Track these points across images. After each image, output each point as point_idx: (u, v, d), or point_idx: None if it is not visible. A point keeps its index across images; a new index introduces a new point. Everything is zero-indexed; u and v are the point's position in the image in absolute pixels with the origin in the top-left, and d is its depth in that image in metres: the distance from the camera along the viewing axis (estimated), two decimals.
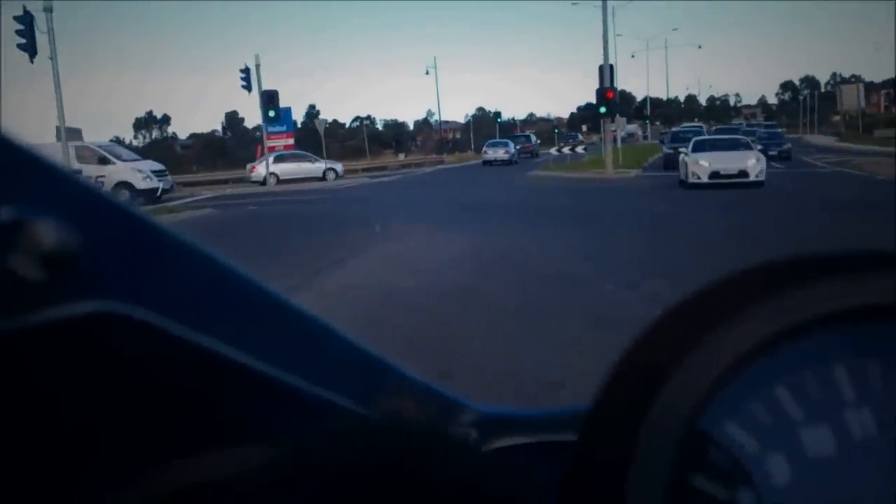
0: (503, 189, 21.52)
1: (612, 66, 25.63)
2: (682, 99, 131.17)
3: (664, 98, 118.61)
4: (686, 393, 0.34)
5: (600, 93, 25.17)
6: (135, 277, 0.34)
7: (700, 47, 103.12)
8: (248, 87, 29.46)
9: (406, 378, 0.47)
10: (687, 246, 9.19)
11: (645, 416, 0.34)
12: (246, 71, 29.38)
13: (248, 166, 33.62)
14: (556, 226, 11.97)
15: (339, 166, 35.48)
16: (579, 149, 37.86)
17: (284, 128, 41.50)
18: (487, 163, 39.90)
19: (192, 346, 0.36)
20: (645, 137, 70.94)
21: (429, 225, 12.49)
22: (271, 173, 31.36)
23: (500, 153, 40.70)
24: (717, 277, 0.38)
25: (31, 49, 19.71)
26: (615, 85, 25.87)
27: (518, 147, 44.39)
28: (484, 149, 43.18)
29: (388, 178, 32.52)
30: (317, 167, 33.77)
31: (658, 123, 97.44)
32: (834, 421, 0.36)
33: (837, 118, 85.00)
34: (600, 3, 27.44)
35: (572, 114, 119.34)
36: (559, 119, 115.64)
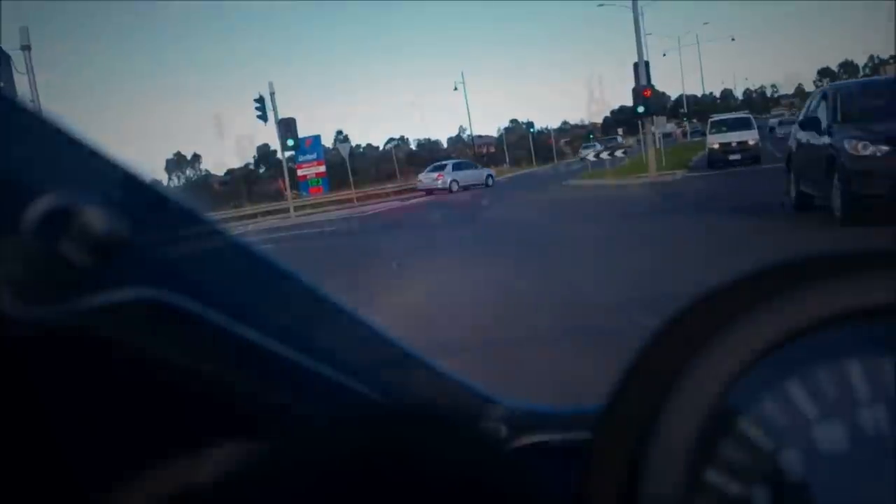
0: (535, 205, 19.43)
1: (647, 63, 24.05)
2: (717, 94, 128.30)
3: (699, 94, 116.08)
4: (700, 391, 0.35)
5: (637, 92, 23.60)
6: (179, 267, 0.36)
7: (733, 40, 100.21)
8: (264, 118, 28.47)
9: (435, 371, 0.49)
10: None
11: (659, 414, 0.35)
12: (260, 100, 28.40)
13: (433, 175, 37.81)
14: (615, 268, 7.65)
15: (493, 173, 42.14)
16: (618, 153, 36.60)
17: (315, 156, 40.80)
18: (583, 159, 57.98)
19: (228, 333, 0.37)
20: (684, 135, 68.84)
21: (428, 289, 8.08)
22: (453, 181, 35.71)
23: (591, 154, 59.63)
24: (730, 277, 0.38)
25: (10, 92, 18.77)
26: (651, 83, 24.25)
27: (603, 147, 58.48)
28: (580, 150, 58.36)
29: (416, 200, 31.30)
30: (481, 173, 39.31)
31: (695, 121, 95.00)
32: (847, 417, 0.36)
33: None
34: (629, 2, 25.97)
35: (606, 118, 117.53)
36: (594, 124, 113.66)
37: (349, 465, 0.32)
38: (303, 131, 29.40)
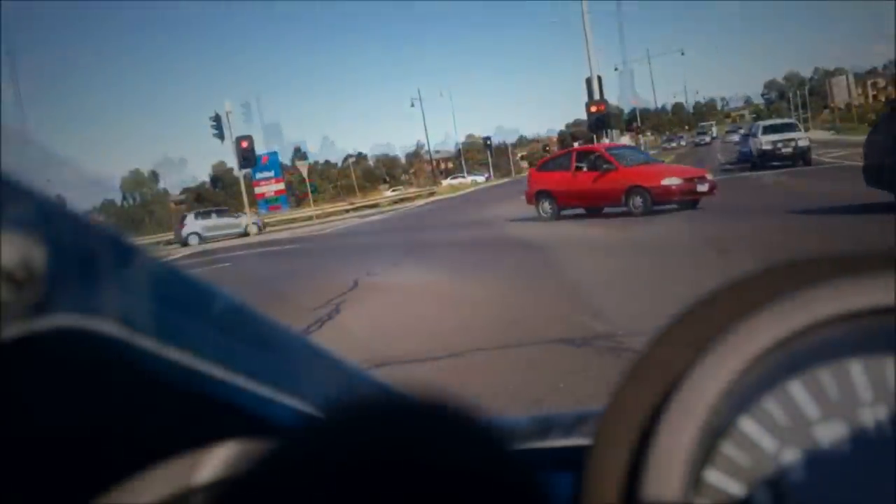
0: (492, 229, 16.19)
1: (599, 77, 24.50)
2: (669, 107, 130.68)
3: (651, 108, 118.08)
4: (701, 391, 0.35)
5: (589, 106, 24.01)
6: (100, 292, 0.35)
7: (683, 53, 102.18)
8: (221, 136, 28.16)
9: (416, 384, 0.48)
10: None
11: (660, 414, 0.35)
12: (217, 119, 28.09)
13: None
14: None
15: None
16: None
17: (273, 173, 40.55)
18: None
19: (158, 358, 0.37)
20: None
21: None
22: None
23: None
24: (732, 278, 0.38)
25: None
26: (604, 97, 24.70)
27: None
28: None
29: (378, 216, 31.15)
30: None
31: (649, 134, 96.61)
32: (849, 418, 0.36)
33: (827, 112, 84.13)
34: (579, 19, 26.43)
35: (561, 131, 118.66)
36: (549, 138, 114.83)
37: (321, 485, 0.31)
38: (259, 149, 29.22)
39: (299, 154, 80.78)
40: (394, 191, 62.87)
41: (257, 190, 40.31)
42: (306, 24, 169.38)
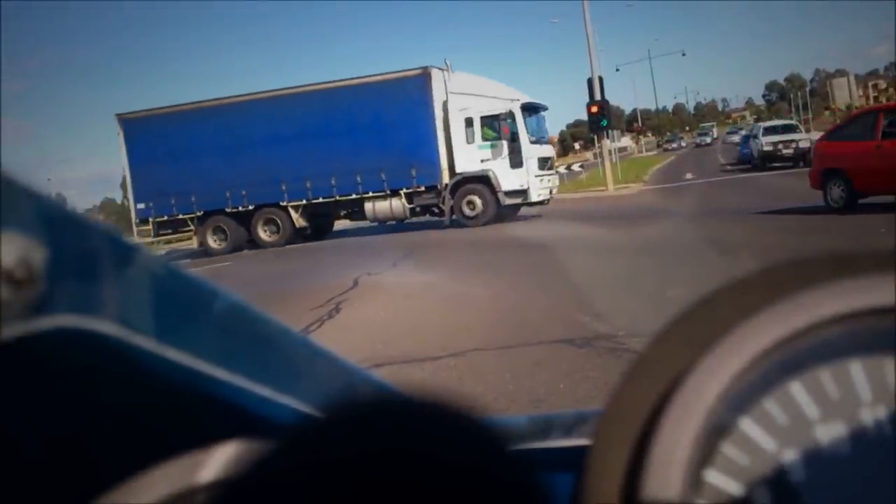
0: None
1: (601, 78, 24.48)
2: (670, 108, 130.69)
3: (653, 109, 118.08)
4: (701, 391, 0.35)
5: (590, 107, 23.98)
6: (99, 292, 0.35)
7: (684, 54, 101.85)
8: None
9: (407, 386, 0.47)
10: None
11: (660, 414, 0.35)
12: None
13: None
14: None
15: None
16: (575, 166, 37.60)
17: None
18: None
19: (158, 358, 0.37)
20: (639, 151, 69.90)
21: None
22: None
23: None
24: (733, 278, 0.38)
25: None
26: (605, 98, 24.67)
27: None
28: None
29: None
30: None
31: (650, 134, 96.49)
32: (849, 418, 0.36)
33: (828, 113, 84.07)
34: (581, 18, 26.41)
35: (562, 131, 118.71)
36: (549, 138, 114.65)
37: (321, 485, 0.31)
38: None
39: None
40: None
41: None
42: (307, 22, 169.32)
